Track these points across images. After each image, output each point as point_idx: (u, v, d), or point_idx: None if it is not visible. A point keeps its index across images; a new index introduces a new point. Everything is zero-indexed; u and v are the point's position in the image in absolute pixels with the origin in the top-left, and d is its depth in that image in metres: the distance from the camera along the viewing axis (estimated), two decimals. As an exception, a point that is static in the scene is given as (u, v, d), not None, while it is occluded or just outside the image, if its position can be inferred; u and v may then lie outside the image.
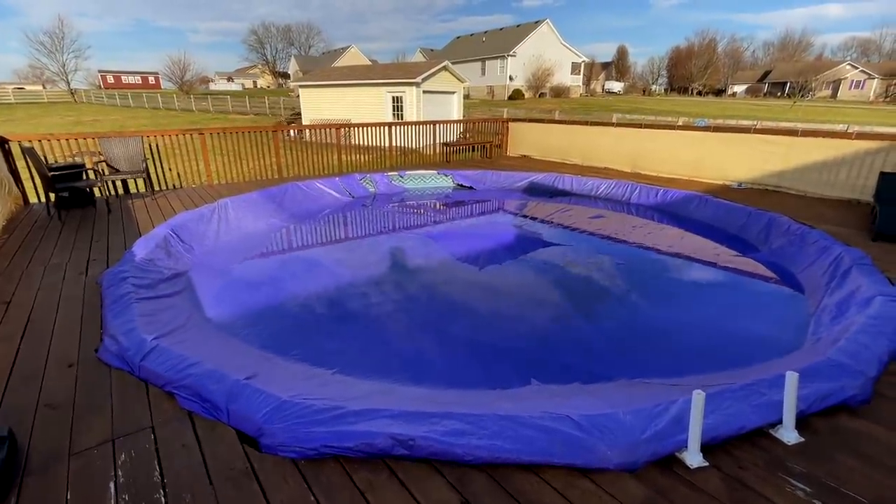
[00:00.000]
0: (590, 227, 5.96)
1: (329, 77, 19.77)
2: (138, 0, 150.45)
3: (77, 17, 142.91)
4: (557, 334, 3.27)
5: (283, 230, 5.85)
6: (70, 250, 4.25)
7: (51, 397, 2.12)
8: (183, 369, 2.21)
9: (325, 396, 2.10)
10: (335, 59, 45.36)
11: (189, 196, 6.48)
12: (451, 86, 18.02)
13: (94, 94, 44.60)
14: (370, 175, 7.98)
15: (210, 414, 2.00)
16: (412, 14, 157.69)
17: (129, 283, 3.25)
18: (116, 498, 1.57)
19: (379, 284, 4.21)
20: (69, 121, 28.42)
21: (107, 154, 6.20)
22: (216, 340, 2.91)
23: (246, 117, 29.98)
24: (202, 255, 4.63)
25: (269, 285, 4.18)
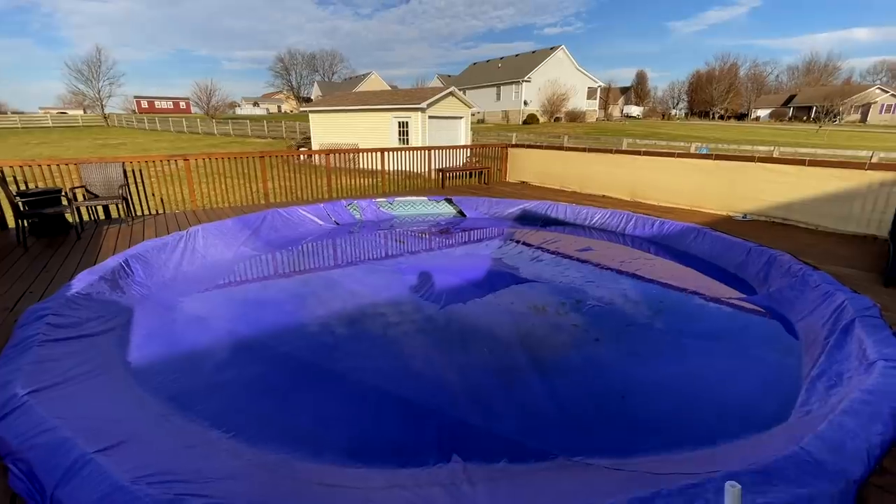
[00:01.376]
0: (575, 261, 5.55)
1: (338, 103, 20.13)
2: (180, 32, 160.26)
3: (120, 48, 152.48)
4: (500, 394, 2.85)
5: (251, 260, 5.64)
6: (16, 280, 4.11)
7: None
8: (32, 437, 1.93)
9: (186, 474, 1.77)
10: (356, 85, 46.65)
11: (167, 222, 6.39)
12: (458, 111, 18.05)
13: (126, 119, 46.88)
14: (357, 201, 7.79)
15: (32, 498, 1.69)
16: (435, 42, 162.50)
17: (43, 323, 3.03)
18: None
19: (322, 324, 3.90)
20: (98, 143, 29.75)
21: (85, 179, 6.19)
22: (110, 390, 2.63)
23: (262, 141, 30.81)
24: (154, 289, 4.42)
25: (206, 324, 3.91)
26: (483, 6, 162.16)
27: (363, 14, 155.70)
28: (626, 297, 4.40)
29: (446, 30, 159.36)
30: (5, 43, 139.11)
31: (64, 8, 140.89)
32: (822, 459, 1.73)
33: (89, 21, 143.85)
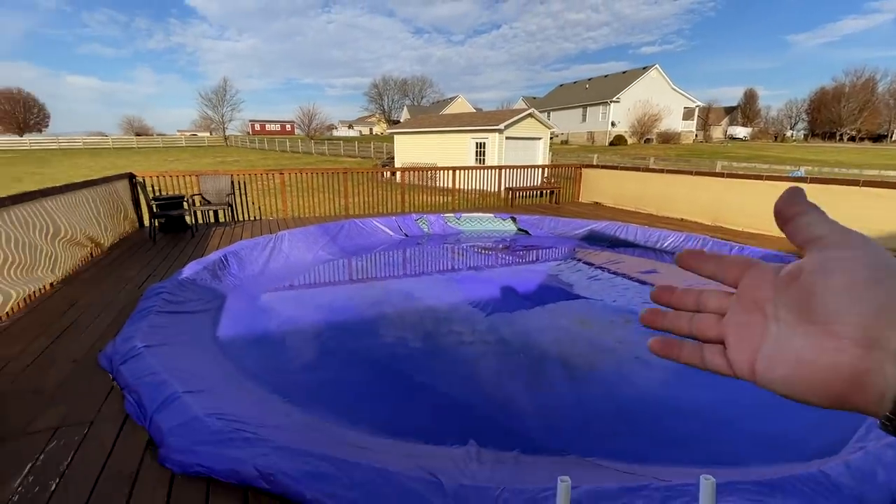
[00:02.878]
0: (635, 283, 5.41)
1: (420, 125, 21.39)
2: (291, 63, 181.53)
3: (243, 79, 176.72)
4: (527, 395, 2.98)
5: (326, 263, 6.33)
6: (147, 265, 5.13)
7: (43, 385, 2.56)
8: (140, 377, 2.52)
9: (245, 418, 2.21)
10: (442, 108, 48.93)
11: (262, 227, 7.41)
12: (537, 132, 18.20)
13: (241, 140, 53.95)
14: (426, 215, 8.31)
15: (139, 419, 2.24)
16: (524, 65, 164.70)
17: (158, 298, 3.82)
18: (24, 478, 1.83)
19: (378, 322, 4.31)
20: (217, 160, 34.60)
21: (202, 188, 7.46)
22: (204, 354, 3.24)
23: (352, 160, 33.51)
24: (244, 280, 5.22)
25: (280, 313, 4.54)
26: (576, 28, 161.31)
27: (455, 41, 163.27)
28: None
29: (536, 53, 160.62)
30: (158, 77, 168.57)
31: (204, 47, 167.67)
32: (841, 482, 1.66)
33: (221, 57, 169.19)
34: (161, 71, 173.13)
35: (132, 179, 7.23)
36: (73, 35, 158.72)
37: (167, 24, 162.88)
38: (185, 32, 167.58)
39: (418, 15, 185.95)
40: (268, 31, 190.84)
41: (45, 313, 3.63)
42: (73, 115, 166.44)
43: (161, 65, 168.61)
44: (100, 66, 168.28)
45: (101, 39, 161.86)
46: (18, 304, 3.66)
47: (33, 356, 2.91)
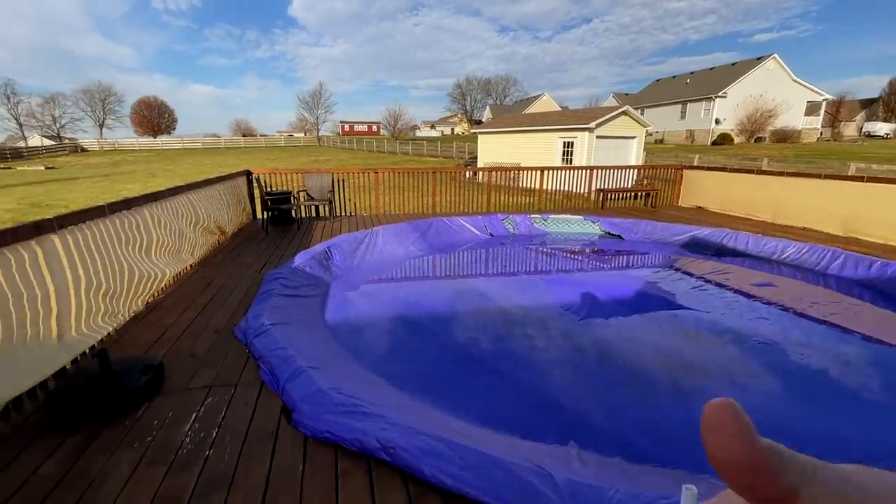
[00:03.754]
0: (747, 297, 4.95)
1: (505, 125, 21.32)
2: (379, 65, 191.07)
3: (336, 82, 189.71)
4: (626, 402, 2.89)
5: (416, 258, 6.64)
6: (261, 253, 5.79)
7: (196, 349, 3.04)
8: (271, 350, 2.89)
9: (358, 394, 2.44)
10: (526, 107, 48.35)
11: (357, 222, 7.96)
12: (631, 131, 17.26)
13: (331, 140, 57.94)
14: (512, 216, 8.33)
15: (273, 386, 2.57)
16: (615, 60, 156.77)
17: (277, 283, 4.31)
18: (191, 425, 2.21)
19: (470, 318, 4.43)
20: (311, 159, 37.54)
21: (307, 185, 8.19)
22: (317, 335, 3.60)
23: (434, 159, 34.39)
24: (345, 271, 5.67)
25: (380, 302, 4.87)
26: (677, 17, 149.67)
27: (542, 37, 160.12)
28: (810, 343, 3.80)
29: (629, 46, 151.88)
30: (262, 83, 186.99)
31: (301, 54, 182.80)
32: None
33: (317, 63, 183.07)
34: (265, 77, 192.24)
35: (249, 176, 8.16)
36: (197, 49, 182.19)
37: (272, 35, 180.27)
38: (287, 41, 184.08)
39: (504, 13, 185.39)
40: (359, 36, 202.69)
41: (189, 290, 4.28)
42: (195, 118, 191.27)
43: (265, 71, 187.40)
44: (216, 75, 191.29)
45: (218, 51, 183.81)
46: (169, 281, 4.35)
47: (185, 326, 3.45)
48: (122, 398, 2.32)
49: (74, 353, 2.77)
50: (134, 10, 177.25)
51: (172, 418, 2.27)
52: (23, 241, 2.42)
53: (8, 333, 2.27)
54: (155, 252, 4.05)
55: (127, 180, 22.29)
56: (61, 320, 2.71)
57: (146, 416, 2.29)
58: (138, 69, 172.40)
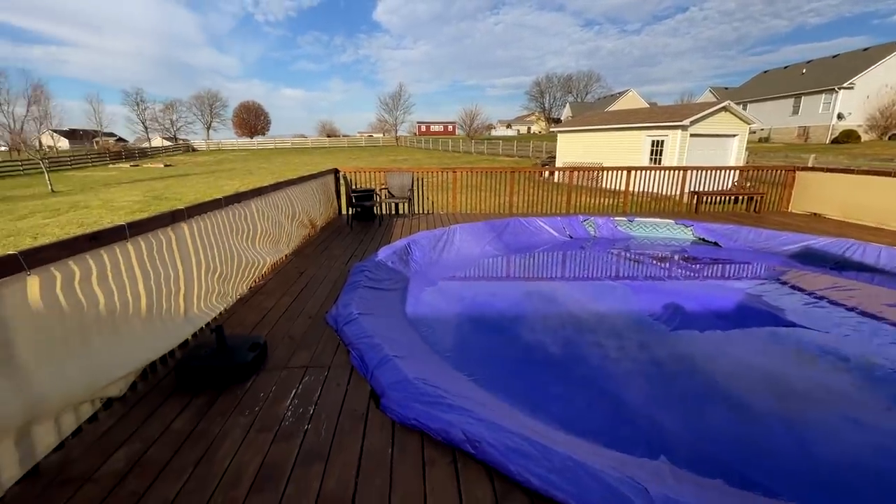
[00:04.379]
0: (879, 319, 4.31)
1: (587, 123, 20.53)
2: (457, 65, 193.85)
3: (415, 83, 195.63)
4: (733, 428, 2.66)
5: (492, 258, 6.65)
6: (347, 247, 6.17)
7: (293, 332, 3.33)
8: (360, 337, 3.08)
9: (439, 384, 2.52)
10: (609, 104, 46.23)
11: (435, 220, 8.16)
12: (732, 128, 15.77)
13: (409, 140, 59.79)
14: (594, 217, 8.03)
15: (362, 371, 2.74)
16: (714, 50, 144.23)
17: (363, 275, 4.57)
18: (292, 400, 2.44)
19: (548, 321, 4.35)
20: (389, 159, 39.08)
21: (388, 183, 8.56)
22: (398, 325, 3.77)
23: (510, 159, 34.10)
24: (423, 266, 5.86)
25: (456, 299, 4.95)
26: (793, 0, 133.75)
27: (630, 30, 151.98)
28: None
29: (732, 35, 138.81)
30: (346, 86, 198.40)
31: (383, 56, 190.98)
32: None
33: (398, 65, 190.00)
34: (349, 80, 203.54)
35: (336, 174, 8.71)
36: (290, 55, 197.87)
37: (357, 39, 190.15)
38: (370, 45, 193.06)
39: (590, 6, 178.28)
40: (439, 36, 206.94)
41: (285, 278, 4.69)
42: (285, 120, 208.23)
43: (349, 75, 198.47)
44: (305, 79, 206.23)
45: (307, 57, 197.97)
46: (269, 269, 4.80)
47: (283, 310, 3.79)
48: (234, 370, 2.62)
49: (195, 328, 3.17)
50: (240, 24, 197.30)
51: (276, 393, 2.52)
52: (161, 228, 2.83)
53: (149, 307, 2.67)
54: (259, 241, 4.49)
55: (228, 177, 24.86)
56: (187, 298, 3.11)
57: (253, 389, 2.56)
58: (240, 77, 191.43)
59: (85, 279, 2.17)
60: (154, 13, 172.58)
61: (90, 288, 2.21)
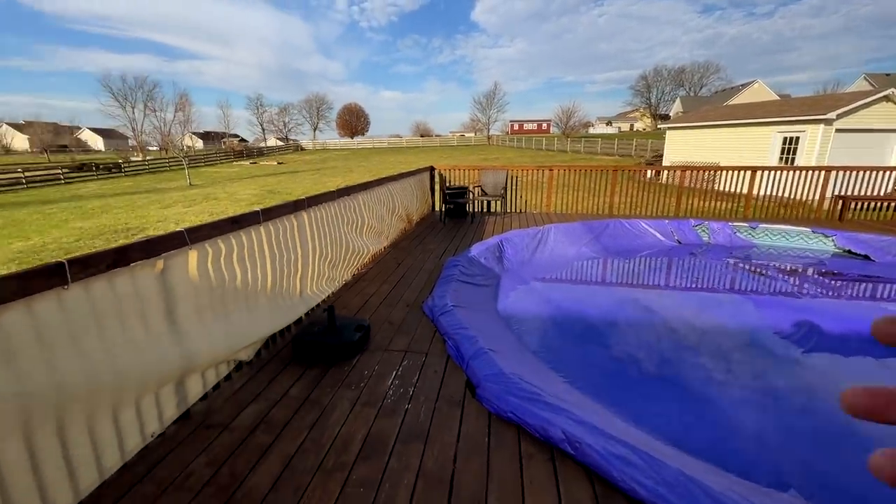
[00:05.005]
0: None
1: (702, 118, 18.72)
2: (554, 62, 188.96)
3: (510, 81, 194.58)
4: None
5: (588, 260, 6.39)
6: (441, 242, 6.37)
7: (392, 318, 3.54)
8: (456, 328, 3.17)
9: (533, 380, 2.51)
10: (729, 98, 41.67)
11: (528, 219, 8.08)
12: (894, 121, 13.32)
13: (500, 139, 59.64)
14: (708, 222, 7.33)
15: (458, 360, 2.82)
16: (870, 30, 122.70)
17: (457, 269, 4.69)
18: (393, 380, 2.60)
19: (650, 330, 4.07)
20: (480, 158, 39.37)
21: (482, 181, 8.65)
22: (490, 320, 3.81)
23: (610, 158, 32.37)
24: (515, 265, 5.83)
25: (548, 300, 4.85)
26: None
27: (759, 13, 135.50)
28: None
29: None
30: (441, 87, 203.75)
31: (479, 56, 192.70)
32: None
33: (493, 64, 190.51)
34: (444, 81, 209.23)
35: (432, 171, 9.02)
36: (389, 59, 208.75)
37: (454, 40, 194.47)
38: (467, 45, 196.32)
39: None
40: (537, 33, 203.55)
41: (384, 268, 4.98)
42: (383, 121, 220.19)
43: (444, 75, 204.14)
44: (403, 82, 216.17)
45: (406, 60, 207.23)
46: (369, 258, 5.13)
47: (383, 297, 4.04)
48: (342, 348, 2.86)
49: (308, 307, 3.52)
50: (346, 32, 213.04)
51: (378, 372, 2.70)
52: (286, 215, 3.18)
53: (273, 285, 3.02)
54: (365, 232, 4.84)
55: (331, 174, 26.97)
56: (302, 280, 3.47)
57: (358, 366, 2.77)
58: (345, 80, 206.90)
59: (228, 256, 2.53)
60: (275, 26, 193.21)
61: (231, 264, 2.57)
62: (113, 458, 1.85)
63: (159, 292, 2.05)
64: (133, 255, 1.87)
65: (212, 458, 1.97)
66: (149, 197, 17.96)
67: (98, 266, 1.71)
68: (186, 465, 1.93)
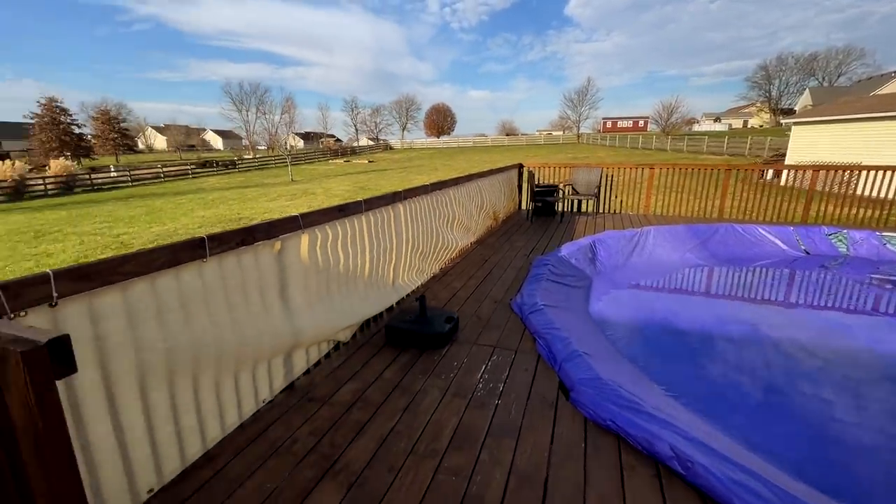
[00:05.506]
0: None
1: (839, 111, 16.24)
2: (655, 55, 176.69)
3: (604, 77, 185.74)
4: None
5: (693, 268, 5.85)
6: (528, 240, 6.25)
7: (480, 313, 3.53)
8: (547, 328, 3.07)
9: (634, 393, 2.35)
10: (877, 87, 35.65)
11: (623, 220, 7.63)
12: None
13: (591, 137, 57.11)
14: (849, 231, 6.35)
15: (549, 361, 2.73)
16: None
17: (546, 268, 4.56)
18: (482, 374, 2.59)
19: (767, 349, 3.61)
20: (569, 157, 38.06)
21: (574, 180, 8.33)
22: (583, 323, 3.64)
23: (718, 158, 29.47)
24: (608, 269, 5.53)
25: (647, 307, 4.52)
26: None
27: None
28: None
29: None
30: (529, 84, 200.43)
31: (571, 51, 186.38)
32: None
33: (586, 59, 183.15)
34: (533, 78, 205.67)
35: (520, 169, 8.88)
36: (478, 58, 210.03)
37: (545, 36, 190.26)
38: (559, 41, 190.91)
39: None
40: (637, 25, 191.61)
41: (470, 263, 5.00)
42: (468, 120, 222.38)
43: (534, 73, 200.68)
44: (491, 81, 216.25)
45: (495, 59, 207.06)
46: (457, 253, 5.19)
47: (470, 291, 4.06)
48: (433, 338, 2.92)
49: (399, 297, 3.65)
50: (437, 33, 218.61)
51: (467, 364, 2.71)
52: (385, 206, 3.32)
53: (370, 272, 3.17)
54: (455, 226, 4.90)
55: (417, 172, 27.84)
56: (396, 269, 3.60)
57: (448, 357, 2.81)
58: (434, 81, 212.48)
59: (333, 241, 2.70)
60: (371, 31, 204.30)
61: (336, 249, 2.74)
62: (232, 417, 2.07)
63: (276, 271, 2.25)
64: (258, 235, 2.07)
65: (314, 428, 2.12)
66: (257, 191, 19.96)
67: (230, 243, 1.91)
68: (292, 432, 2.09)
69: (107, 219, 13.47)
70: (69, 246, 9.73)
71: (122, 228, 11.71)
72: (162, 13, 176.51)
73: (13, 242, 10.36)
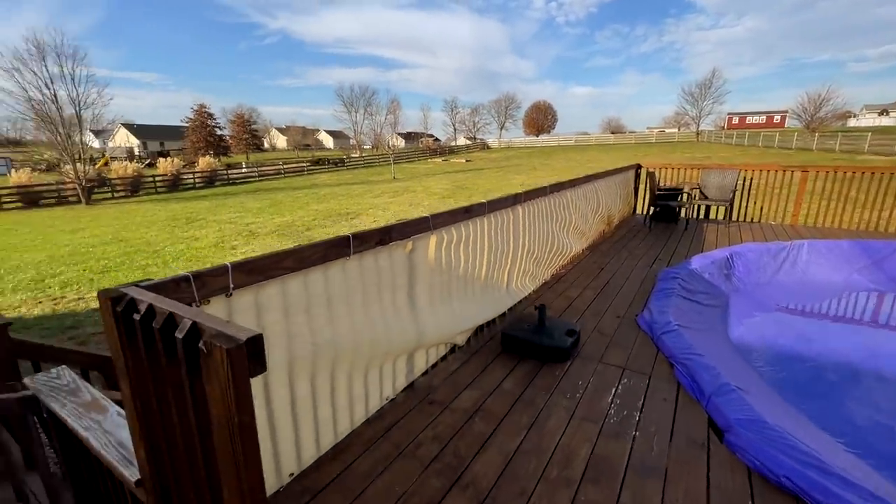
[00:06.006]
0: None
1: None
2: (799, 39, 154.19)
3: (732, 67, 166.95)
4: None
5: (864, 293, 4.89)
6: (648, 248, 5.73)
7: (602, 328, 3.27)
8: (686, 353, 2.73)
9: (811, 447, 1.95)
10: None
11: (762, 231, 6.68)
12: None
13: (713, 135, 51.51)
14: None
15: (693, 393, 2.41)
16: None
17: (676, 282, 4.10)
18: (613, 398, 2.36)
19: None
20: (685, 156, 34.75)
21: (703, 182, 7.48)
22: (727, 350, 3.19)
23: (886, 158, 24.74)
24: (749, 286, 4.84)
25: (803, 334, 3.85)
26: None
27: None
28: None
29: None
30: (640, 79, 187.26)
31: (692, 41, 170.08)
32: None
33: (710, 48, 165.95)
34: (645, 72, 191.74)
35: (637, 170, 8.22)
36: (584, 53, 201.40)
37: (662, 26, 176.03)
38: (678, 30, 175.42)
39: None
40: (776, 5, 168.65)
41: (585, 271, 4.70)
42: (570, 118, 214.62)
43: (647, 66, 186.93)
44: (596, 76, 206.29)
45: (602, 52, 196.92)
46: (569, 259, 4.92)
47: (587, 303, 3.80)
48: (554, 351, 2.75)
49: (513, 302, 3.53)
50: (541, 29, 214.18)
51: (594, 385, 2.50)
52: (505, 208, 3.22)
53: (486, 275, 3.10)
54: (570, 230, 4.66)
55: (515, 171, 27.45)
56: (510, 273, 3.48)
57: (571, 373, 2.62)
58: (534, 78, 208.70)
59: (457, 243, 2.67)
60: (474, 31, 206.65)
61: (458, 251, 2.70)
62: (360, 412, 2.11)
63: (406, 271, 2.26)
64: (394, 235, 2.08)
65: (437, 433, 2.08)
66: (363, 187, 21.23)
67: (370, 242, 1.94)
68: (416, 434, 2.08)
69: (239, 209, 15.29)
70: (210, 232, 11.21)
71: (250, 218, 13.20)
72: (289, 26, 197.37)
73: (171, 227, 12.23)
